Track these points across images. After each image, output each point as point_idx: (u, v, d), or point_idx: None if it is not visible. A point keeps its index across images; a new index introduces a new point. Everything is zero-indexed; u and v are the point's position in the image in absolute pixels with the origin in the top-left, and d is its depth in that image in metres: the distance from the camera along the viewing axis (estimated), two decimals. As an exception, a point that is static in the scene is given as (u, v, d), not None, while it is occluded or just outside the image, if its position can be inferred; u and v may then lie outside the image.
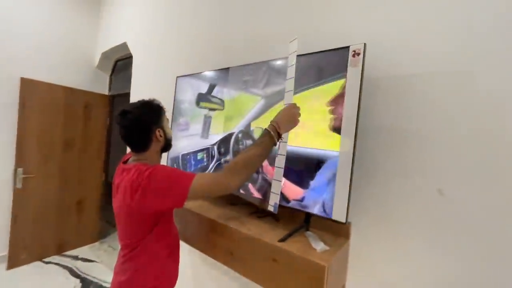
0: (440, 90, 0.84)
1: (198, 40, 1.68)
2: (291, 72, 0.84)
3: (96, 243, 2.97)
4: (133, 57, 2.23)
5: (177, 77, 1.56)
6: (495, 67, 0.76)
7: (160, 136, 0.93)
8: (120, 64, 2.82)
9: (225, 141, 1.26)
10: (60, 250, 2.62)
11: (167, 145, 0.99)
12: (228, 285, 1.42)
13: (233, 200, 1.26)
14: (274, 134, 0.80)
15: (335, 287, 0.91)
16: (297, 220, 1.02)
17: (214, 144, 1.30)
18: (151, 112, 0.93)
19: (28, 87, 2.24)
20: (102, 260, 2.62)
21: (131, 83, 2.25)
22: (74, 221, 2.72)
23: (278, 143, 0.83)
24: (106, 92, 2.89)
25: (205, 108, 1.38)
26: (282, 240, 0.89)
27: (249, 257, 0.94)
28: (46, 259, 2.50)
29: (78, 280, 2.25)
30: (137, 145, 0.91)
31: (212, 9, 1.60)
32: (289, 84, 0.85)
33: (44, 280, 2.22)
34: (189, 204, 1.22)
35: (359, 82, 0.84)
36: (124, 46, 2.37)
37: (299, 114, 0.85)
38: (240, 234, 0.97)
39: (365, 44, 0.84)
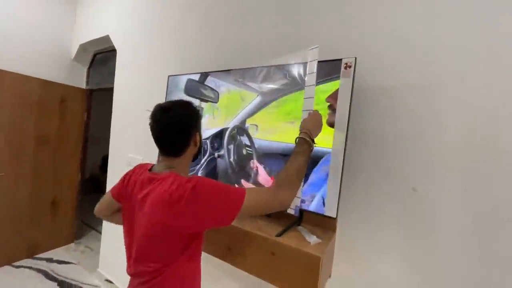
0: (416, 100, 0.97)
1: (189, 38, 1.68)
2: (311, 80, 0.89)
3: (72, 244, 2.82)
4: (117, 52, 2.14)
5: (169, 76, 1.55)
6: (461, 81, 0.90)
7: (197, 141, 0.85)
8: (100, 57, 2.68)
9: (218, 135, 1.27)
10: (31, 253, 2.46)
11: (198, 153, 0.89)
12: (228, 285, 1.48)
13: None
14: (310, 141, 0.81)
15: (325, 275, 1.01)
16: (286, 215, 1.08)
17: (207, 139, 1.30)
18: (193, 113, 0.83)
19: (-4, 78, 2.05)
20: (79, 262, 2.51)
21: (115, 79, 2.17)
22: (48, 222, 2.56)
23: (312, 149, 0.83)
24: (84, 86, 2.74)
25: (196, 98, 1.34)
26: (279, 235, 0.97)
27: (248, 251, 1.00)
28: (16, 263, 2.34)
29: (55, 284, 2.14)
30: (173, 148, 0.80)
31: (206, 7, 1.61)
32: (309, 91, 0.90)
33: (15, 285, 2.08)
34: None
35: (350, 91, 0.94)
36: (106, 39, 2.27)
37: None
38: (238, 230, 1.03)
39: (355, 58, 0.94)
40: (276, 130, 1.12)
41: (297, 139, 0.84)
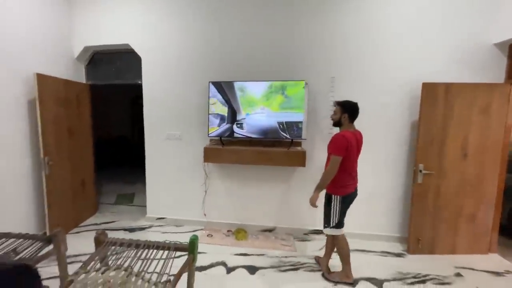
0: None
1: (208, 47, 2.83)
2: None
3: (97, 214, 3.44)
4: (142, 59, 2.86)
5: (210, 82, 2.71)
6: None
7: None
8: (97, 56, 3.09)
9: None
10: (76, 223, 3.04)
11: None
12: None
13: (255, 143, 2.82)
14: None
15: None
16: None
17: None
18: None
19: (42, 82, 2.40)
20: (119, 219, 3.30)
21: (143, 77, 2.91)
22: (81, 198, 3.11)
23: None
24: (84, 81, 3.10)
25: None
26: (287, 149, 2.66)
27: (278, 157, 2.64)
28: (72, 232, 2.92)
29: (122, 231, 2.98)
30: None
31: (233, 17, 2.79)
32: None
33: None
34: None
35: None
36: (122, 45, 2.87)
37: None
38: (275, 150, 2.63)
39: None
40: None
41: None
